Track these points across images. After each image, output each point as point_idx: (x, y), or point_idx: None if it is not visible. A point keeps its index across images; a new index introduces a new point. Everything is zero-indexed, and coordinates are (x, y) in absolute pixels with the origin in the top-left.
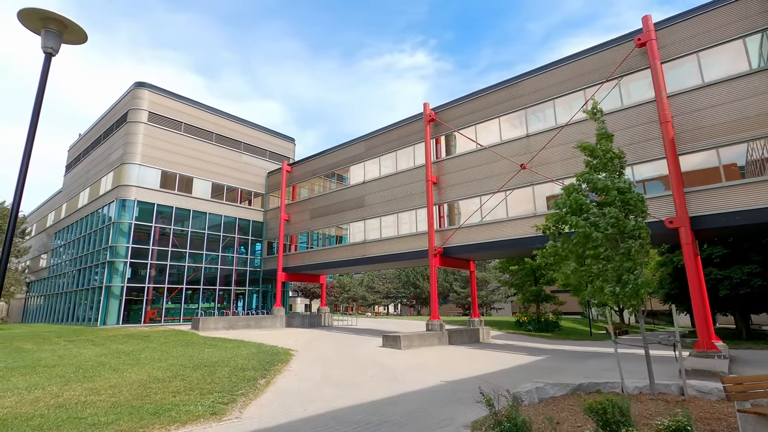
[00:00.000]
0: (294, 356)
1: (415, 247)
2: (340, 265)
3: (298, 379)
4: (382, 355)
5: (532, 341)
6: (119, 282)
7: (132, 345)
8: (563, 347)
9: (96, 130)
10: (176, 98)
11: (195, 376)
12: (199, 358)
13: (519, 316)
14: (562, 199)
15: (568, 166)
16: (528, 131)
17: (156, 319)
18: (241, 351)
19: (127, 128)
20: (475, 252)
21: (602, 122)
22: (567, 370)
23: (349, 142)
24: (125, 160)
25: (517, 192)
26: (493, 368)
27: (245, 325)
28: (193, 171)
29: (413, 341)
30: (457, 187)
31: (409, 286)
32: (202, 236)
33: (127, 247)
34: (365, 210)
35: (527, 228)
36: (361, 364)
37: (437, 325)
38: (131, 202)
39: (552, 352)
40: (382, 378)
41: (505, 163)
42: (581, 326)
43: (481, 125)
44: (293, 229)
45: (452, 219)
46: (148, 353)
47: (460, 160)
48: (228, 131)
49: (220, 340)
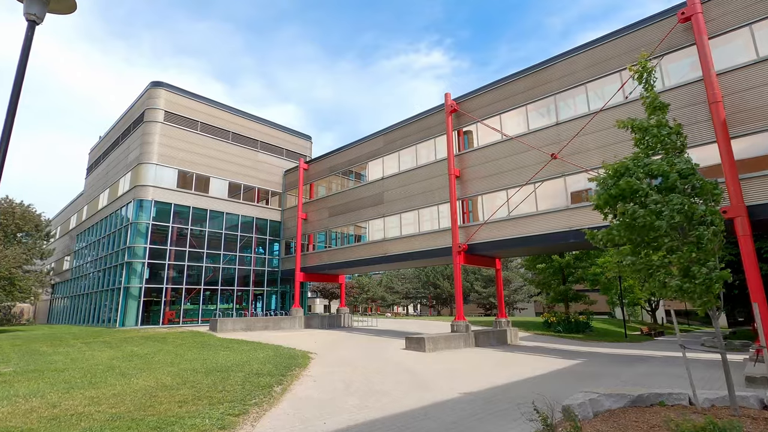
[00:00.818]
0: (313, 360)
1: (437, 245)
2: (359, 265)
3: (317, 387)
4: (406, 359)
5: (563, 343)
6: (137, 283)
7: (147, 347)
8: (598, 350)
9: (114, 131)
10: (192, 97)
11: (206, 382)
12: (213, 362)
13: (547, 316)
14: (608, 177)
15: (606, 153)
16: (558, 119)
17: (174, 321)
18: (258, 354)
19: (143, 128)
20: (502, 249)
21: (652, 88)
22: (610, 376)
23: (366, 138)
24: (142, 160)
25: (547, 184)
26: (527, 373)
27: (263, 327)
28: (210, 170)
29: (438, 343)
30: (482, 181)
31: (429, 286)
32: (219, 236)
33: (144, 247)
34: (384, 207)
35: (559, 222)
36: (385, 368)
37: (463, 326)
38: (148, 202)
39: (588, 356)
40: (409, 384)
41: (534, 154)
42: (613, 327)
43: (506, 114)
44: (311, 228)
45: (476, 215)
46: (161, 356)
47: (485, 152)
48: (244, 129)
49: (237, 342)
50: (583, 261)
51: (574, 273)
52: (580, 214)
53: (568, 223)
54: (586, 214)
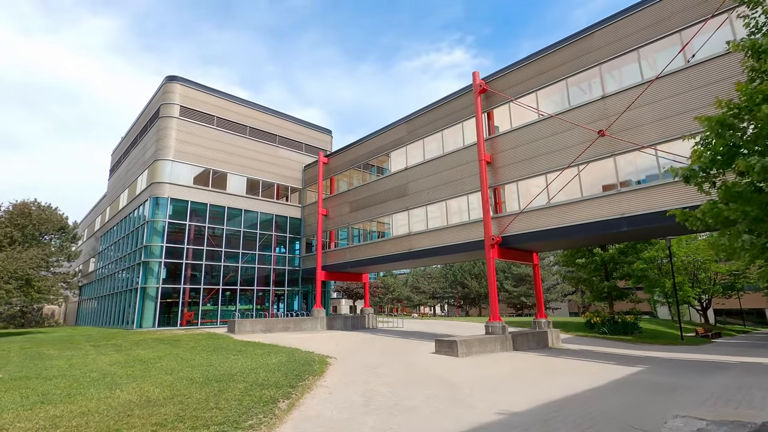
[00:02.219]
0: (331, 366)
1: (467, 238)
2: (382, 262)
3: (331, 401)
4: (436, 365)
5: (611, 346)
6: (154, 283)
7: (156, 351)
8: (656, 354)
9: (133, 130)
10: (208, 91)
11: (198, 396)
12: (217, 369)
13: (590, 315)
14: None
15: (667, 126)
16: (604, 91)
17: (193, 322)
18: (270, 359)
19: (159, 124)
20: (541, 240)
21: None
22: (690, 389)
23: (388, 126)
24: (158, 157)
25: (593, 166)
26: (583, 384)
27: (283, 328)
28: (227, 166)
29: (472, 347)
30: (516, 166)
31: (457, 285)
32: (238, 234)
33: (161, 246)
34: (409, 199)
35: (609, 208)
36: (412, 376)
37: (499, 327)
38: (165, 199)
39: (647, 361)
40: (442, 399)
41: (577, 133)
42: (661, 327)
43: (543, 91)
44: (332, 224)
45: (509, 204)
46: (165, 362)
47: (519, 134)
48: (262, 124)
49: (253, 344)
50: (629, 255)
51: (619, 268)
52: (636, 197)
53: (619, 209)
54: (644, 198)
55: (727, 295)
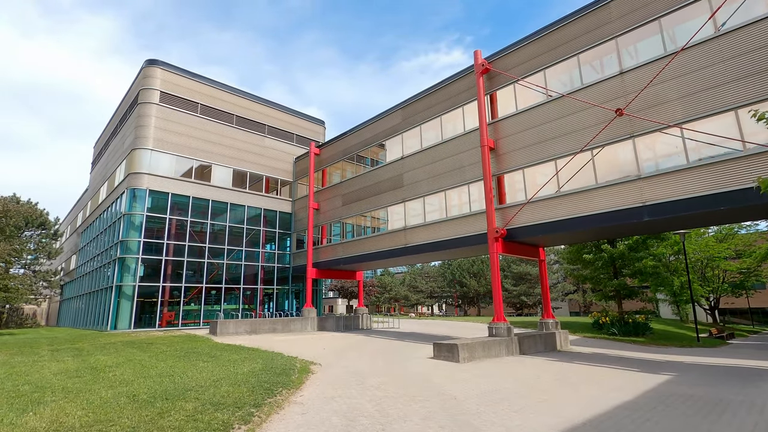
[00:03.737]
0: (312, 375)
1: (468, 232)
2: (377, 258)
3: (302, 426)
4: (434, 373)
5: (625, 348)
6: (131, 281)
7: (119, 357)
8: (677, 358)
9: (114, 119)
10: (191, 77)
11: (127, 423)
12: (174, 381)
13: (597, 315)
14: None
15: (694, 103)
16: (622, 66)
17: (173, 323)
18: (241, 367)
19: (138, 111)
20: (550, 233)
21: None
22: (744, 404)
23: (383, 114)
24: (136, 146)
25: (609, 149)
26: (610, 399)
27: (270, 329)
28: (212, 157)
29: (475, 351)
30: (523, 152)
31: (455, 284)
32: (223, 229)
33: (139, 241)
34: (405, 190)
35: (627, 196)
36: (407, 389)
37: (503, 328)
38: (143, 191)
39: (672, 367)
40: (442, 421)
41: (590, 114)
42: (672, 328)
43: (552, 69)
44: (323, 218)
45: (514, 194)
46: (121, 370)
47: (526, 117)
48: (249, 113)
49: (232, 348)
50: (639, 251)
51: (629, 265)
52: (659, 184)
53: (640, 197)
54: (669, 184)
55: (738, 293)
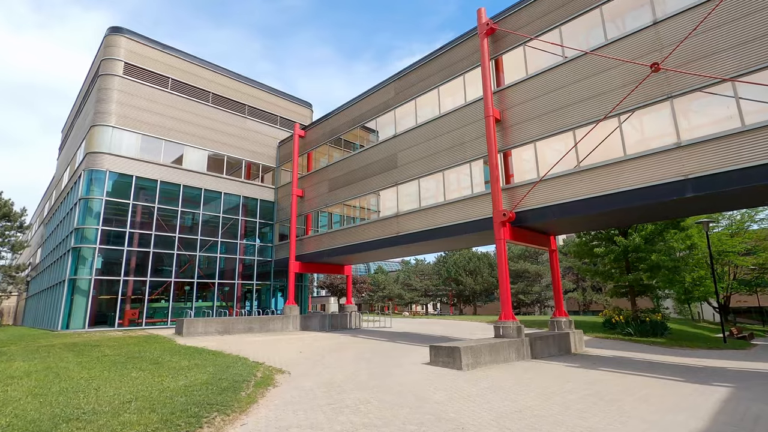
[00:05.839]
0: (274, 388)
1: (469, 216)
2: (366, 249)
3: None
4: (433, 385)
5: (647, 351)
6: (87, 274)
7: (42, 363)
8: (717, 363)
9: (78, 98)
10: (162, 48)
11: None
12: (75, 401)
13: (610, 314)
14: None
15: (749, 53)
16: (656, 15)
17: (137, 321)
18: (179, 379)
19: (99, 83)
20: (567, 215)
21: None
22: None
23: (374, 88)
24: (96, 122)
25: (640, 114)
26: (677, 427)
27: (246, 329)
28: (185, 137)
29: (480, 355)
30: (534, 123)
31: (450, 282)
32: (196, 218)
33: (97, 229)
34: (398, 172)
35: (666, 168)
36: (397, 409)
37: (513, 328)
38: (102, 173)
39: (721, 375)
40: None
41: (617, 73)
42: (687, 327)
43: (569, 26)
44: (308, 206)
45: (523, 173)
46: (28, 382)
47: (538, 82)
48: (229, 91)
49: (190, 351)
50: (656, 243)
51: (645, 259)
52: (706, 152)
53: (681, 169)
54: (718, 152)
55: (752, 291)
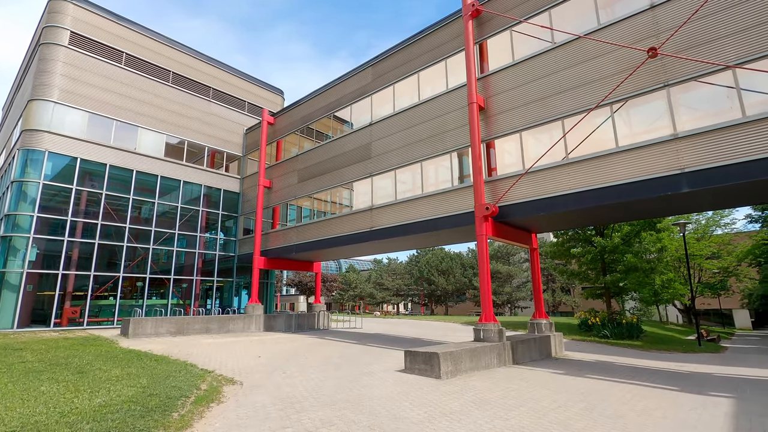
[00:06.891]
0: (218, 405)
1: (448, 211)
2: (337, 244)
3: None
4: (410, 399)
5: (627, 355)
6: (18, 267)
7: None
8: (702, 368)
9: (18, 74)
10: (116, 19)
11: None
12: None
13: (585, 315)
14: None
15: (752, 39)
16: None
17: (78, 321)
18: (99, 394)
19: (40, 53)
20: (552, 210)
21: None
22: None
23: (350, 73)
24: (35, 96)
25: (634, 103)
26: None
27: (203, 330)
28: (139, 118)
29: (460, 362)
30: (521, 111)
31: (422, 282)
32: (150, 207)
33: (32, 216)
34: (372, 163)
35: (660, 161)
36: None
37: (494, 331)
38: (40, 153)
39: (714, 382)
40: None
41: (610, 59)
42: (658, 330)
43: (559, 8)
44: (276, 197)
45: (507, 165)
46: None
47: (525, 68)
48: (191, 71)
49: (130, 356)
50: (632, 244)
51: (621, 260)
52: (703, 144)
53: (677, 162)
54: (716, 144)
55: (716, 294)
